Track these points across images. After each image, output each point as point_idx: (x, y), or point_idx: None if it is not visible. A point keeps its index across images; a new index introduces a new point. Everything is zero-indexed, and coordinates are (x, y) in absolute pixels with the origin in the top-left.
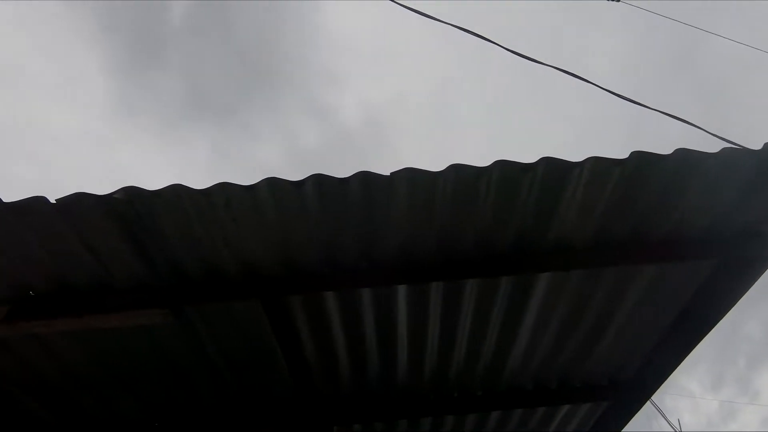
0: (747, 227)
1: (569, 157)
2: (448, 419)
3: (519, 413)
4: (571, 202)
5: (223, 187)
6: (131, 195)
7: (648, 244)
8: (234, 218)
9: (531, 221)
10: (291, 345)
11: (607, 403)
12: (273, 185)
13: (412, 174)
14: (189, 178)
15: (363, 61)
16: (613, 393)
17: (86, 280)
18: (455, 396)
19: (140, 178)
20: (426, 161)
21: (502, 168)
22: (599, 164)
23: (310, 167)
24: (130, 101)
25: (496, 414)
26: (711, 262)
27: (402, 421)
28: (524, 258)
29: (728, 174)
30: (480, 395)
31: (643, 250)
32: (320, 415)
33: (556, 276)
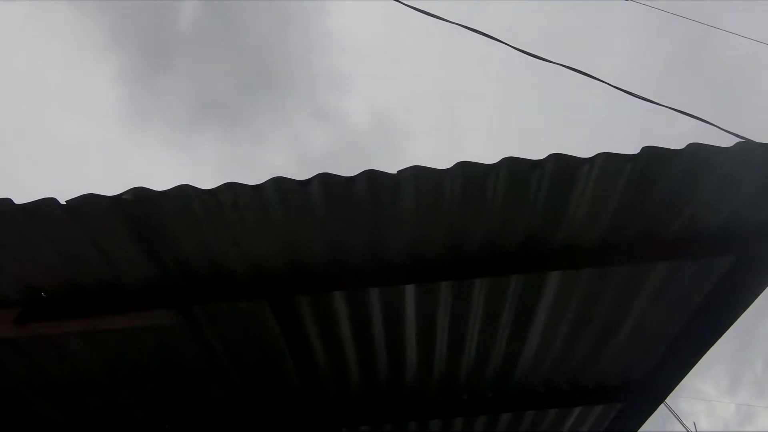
0: (763, 224)
1: (578, 155)
2: (458, 421)
3: (530, 415)
4: (581, 199)
5: (231, 187)
6: (139, 195)
7: (660, 242)
8: (241, 218)
9: (540, 219)
10: (299, 346)
11: (621, 405)
12: (279, 184)
13: (419, 172)
14: (198, 183)
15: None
16: (627, 395)
17: (96, 282)
18: (465, 398)
19: (150, 183)
20: (434, 162)
21: (510, 165)
22: (610, 160)
23: (318, 170)
24: (140, 107)
25: (507, 416)
26: (726, 260)
27: (411, 423)
28: (533, 257)
29: (742, 169)
30: (490, 397)
31: (655, 248)
32: (329, 417)
33: (567, 275)
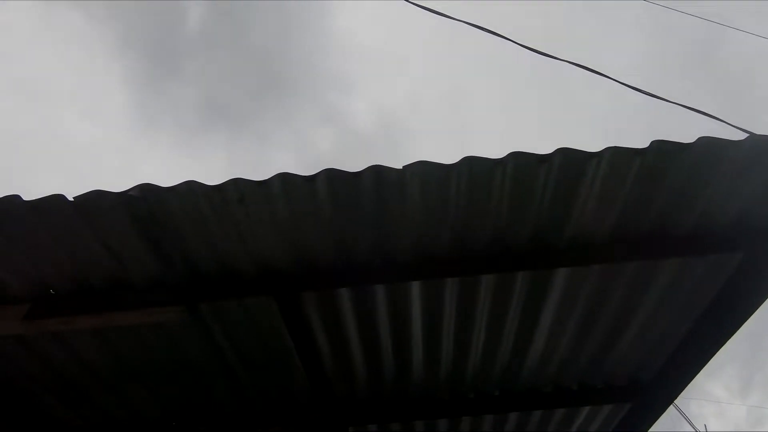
0: None
1: (586, 150)
2: (465, 420)
3: (538, 415)
4: (589, 195)
5: (236, 183)
6: (146, 192)
7: (670, 238)
8: (247, 214)
9: (548, 214)
10: (305, 344)
11: (630, 405)
12: (285, 180)
13: (425, 167)
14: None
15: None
16: (636, 394)
17: (103, 278)
18: (472, 397)
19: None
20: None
21: (517, 160)
22: (618, 154)
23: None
24: (149, 110)
25: (515, 415)
26: (737, 256)
27: (418, 422)
28: (541, 253)
29: (754, 164)
30: (497, 396)
31: (665, 244)
32: (336, 416)
33: (574, 271)
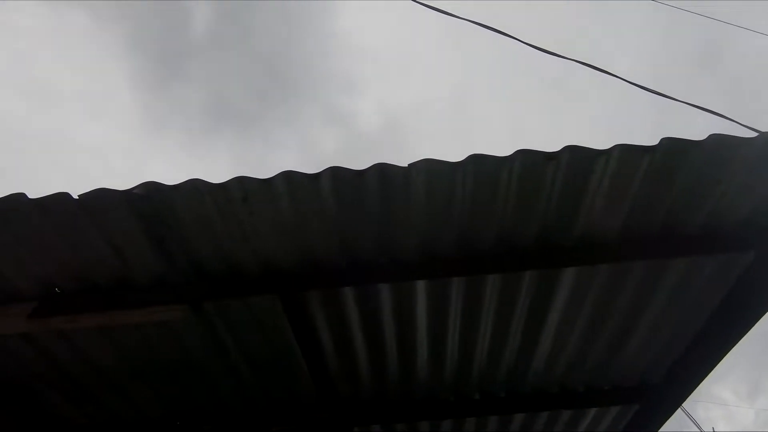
0: None
1: (594, 147)
2: (470, 421)
3: (544, 416)
4: (598, 193)
5: (241, 181)
6: (150, 190)
7: (680, 237)
8: (251, 212)
9: (555, 213)
10: (310, 343)
11: (637, 407)
12: (289, 178)
13: (431, 165)
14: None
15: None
16: (643, 396)
17: (108, 277)
18: (477, 398)
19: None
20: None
21: (525, 157)
22: (627, 152)
23: None
24: (154, 112)
25: (520, 417)
26: (748, 256)
27: (423, 423)
28: (548, 252)
29: (765, 162)
30: (503, 397)
31: (675, 243)
32: (340, 416)
33: (582, 271)
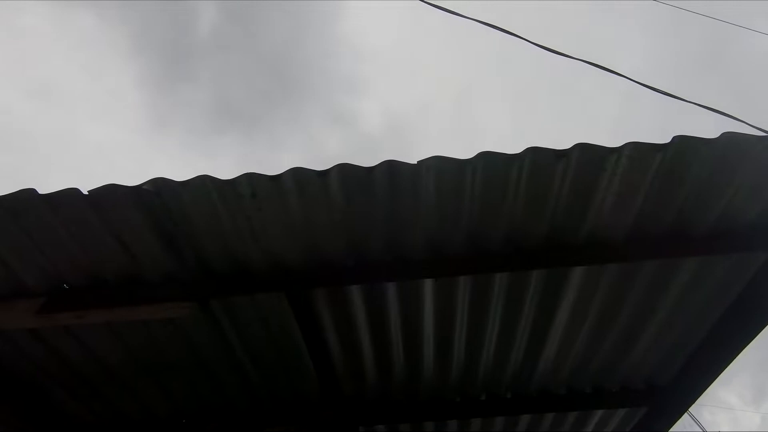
0: None
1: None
2: (475, 422)
3: (550, 418)
4: (608, 191)
5: (249, 177)
6: (159, 186)
7: (691, 237)
8: (259, 208)
9: (564, 211)
10: (316, 341)
11: (645, 409)
12: (298, 175)
13: (440, 162)
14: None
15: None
16: (651, 398)
17: (116, 273)
18: (483, 398)
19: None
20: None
21: (534, 155)
22: (638, 150)
23: None
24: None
25: (526, 418)
26: (760, 256)
27: (428, 423)
28: (557, 251)
29: None
30: (509, 398)
31: (686, 243)
32: (345, 415)
33: (591, 271)
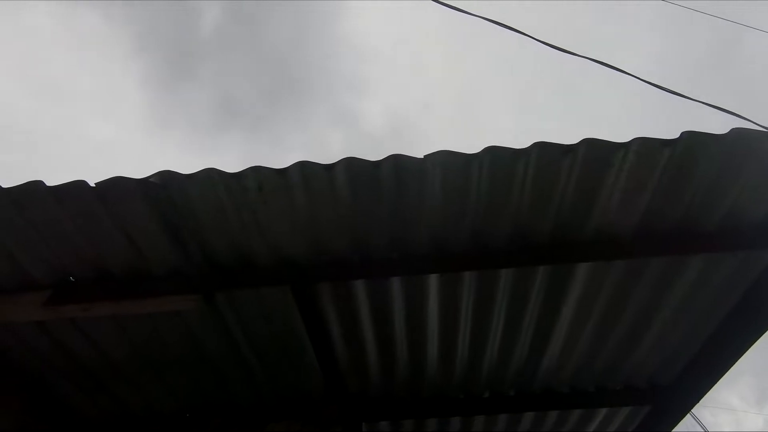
0: None
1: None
2: (479, 419)
3: (553, 416)
4: (615, 187)
5: (256, 171)
6: (166, 178)
7: (698, 233)
8: (266, 202)
9: (570, 207)
10: (320, 336)
11: (649, 408)
12: (304, 168)
13: (446, 157)
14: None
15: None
16: (655, 397)
17: (122, 266)
18: (486, 396)
19: None
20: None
21: (541, 150)
22: (646, 145)
23: None
24: (164, 112)
25: (529, 416)
26: (766, 256)
27: (431, 420)
28: (563, 247)
29: None
30: (512, 396)
31: (693, 240)
32: (349, 411)
33: (597, 267)
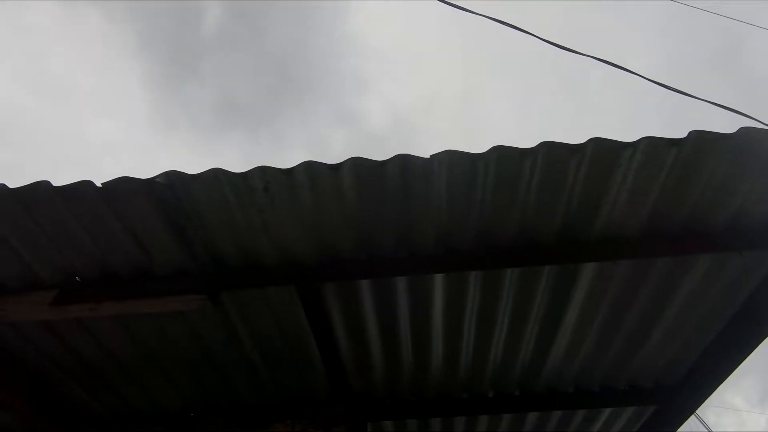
0: None
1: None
2: (483, 419)
3: (558, 415)
4: (622, 187)
5: (262, 170)
6: (172, 178)
7: (705, 233)
8: (272, 202)
9: (577, 207)
10: (325, 336)
11: (654, 408)
12: (311, 168)
13: (452, 156)
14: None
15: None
16: (660, 397)
17: (128, 265)
18: (491, 396)
19: None
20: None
21: (548, 149)
22: (654, 145)
23: None
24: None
25: (534, 415)
26: None
27: (435, 420)
28: (569, 246)
29: None
30: (517, 395)
31: (699, 240)
32: (353, 411)
33: (603, 267)
